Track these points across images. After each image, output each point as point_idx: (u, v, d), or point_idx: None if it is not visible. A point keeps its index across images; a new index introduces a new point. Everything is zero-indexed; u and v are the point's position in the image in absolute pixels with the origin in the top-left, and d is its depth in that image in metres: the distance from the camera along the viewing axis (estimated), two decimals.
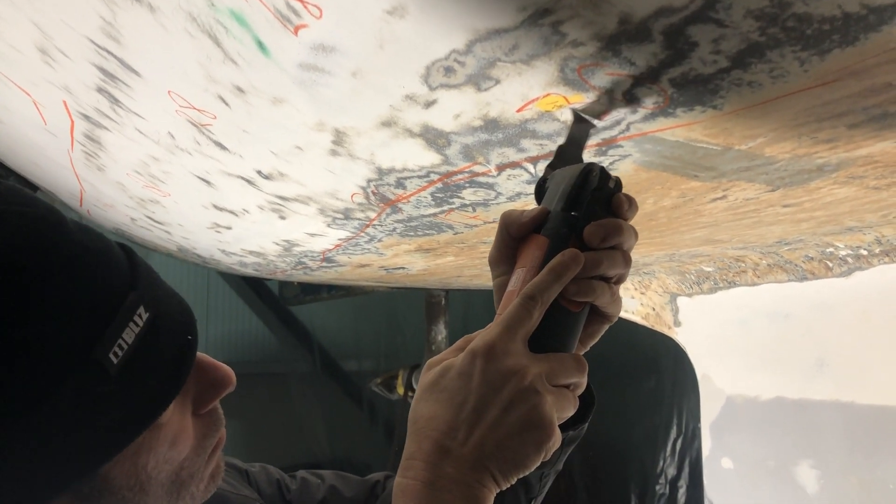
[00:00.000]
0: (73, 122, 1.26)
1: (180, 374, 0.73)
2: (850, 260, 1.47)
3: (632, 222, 0.78)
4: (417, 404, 0.73)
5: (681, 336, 2.04)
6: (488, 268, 0.83)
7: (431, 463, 0.69)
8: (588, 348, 0.83)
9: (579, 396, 0.87)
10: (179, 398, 0.74)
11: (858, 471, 1.56)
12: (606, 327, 0.82)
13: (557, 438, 0.71)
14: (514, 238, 0.79)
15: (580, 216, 0.75)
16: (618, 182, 0.77)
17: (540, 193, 0.81)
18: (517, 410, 0.69)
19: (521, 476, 0.70)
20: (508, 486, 0.70)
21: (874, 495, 1.52)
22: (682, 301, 1.99)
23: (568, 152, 0.83)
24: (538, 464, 0.70)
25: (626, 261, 0.76)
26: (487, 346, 0.71)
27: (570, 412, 0.73)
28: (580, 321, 0.77)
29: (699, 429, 2.06)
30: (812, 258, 1.53)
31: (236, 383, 0.82)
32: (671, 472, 4.06)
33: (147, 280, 0.73)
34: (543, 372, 0.70)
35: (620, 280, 0.78)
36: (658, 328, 2.12)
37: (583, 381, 0.74)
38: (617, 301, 0.78)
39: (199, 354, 0.79)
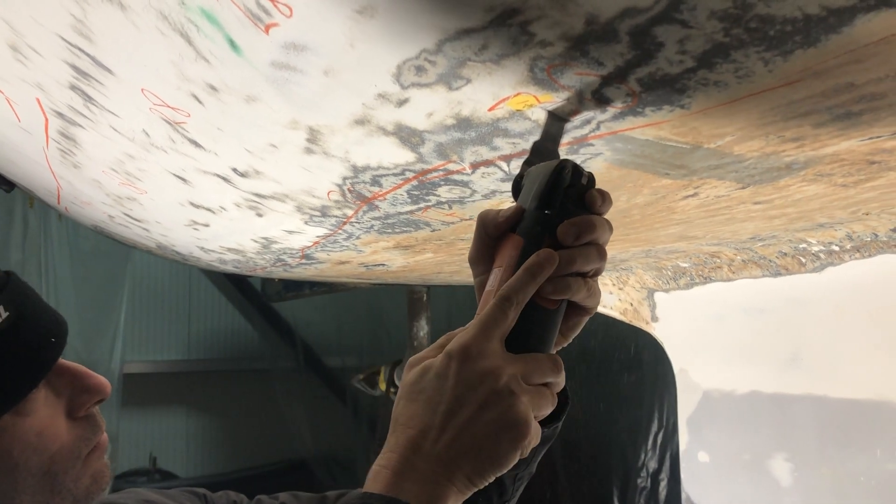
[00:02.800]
0: (47, 119, 1.25)
1: (39, 369, 0.84)
2: (822, 256, 1.49)
3: (606, 218, 0.79)
4: (399, 403, 0.76)
5: (658, 331, 2.06)
6: (468, 264, 0.85)
7: (404, 456, 0.72)
8: (570, 340, 0.84)
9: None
10: (52, 398, 0.86)
11: (831, 463, 1.58)
12: (586, 319, 0.83)
13: (535, 436, 0.73)
14: (491, 237, 0.80)
15: (554, 214, 0.76)
16: (591, 178, 0.78)
17: (516, 190, 0.82)
18: (492, 411, 0.71)
19: (498, 474, 0.72)
20: (485, 483, 0.72)
21: (846, 487, 1.55)
22: (659, 296, 2.00)
23: (543, 148, 0.83)
24: (515, 461, 0.72)
25: (601, 255, 0.77)
26: (463, 348, 0.73)
27: (548, 410, 0.75)
28: (557, 318, 0.78)
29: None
30: (786, 254, 1.55)
31: (109, 390, 0.91)
32: (652, 465, 4.09)
33: (14, 291, 0.85)
34: (519, 372, 0.72)
35: (597, 273, 0.79)
36: (636, 323, 2.13)
37: (560, 380, 0.76)
38: (594, 294, 0.79)
39: (76, 365, 0.90)
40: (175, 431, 6.18)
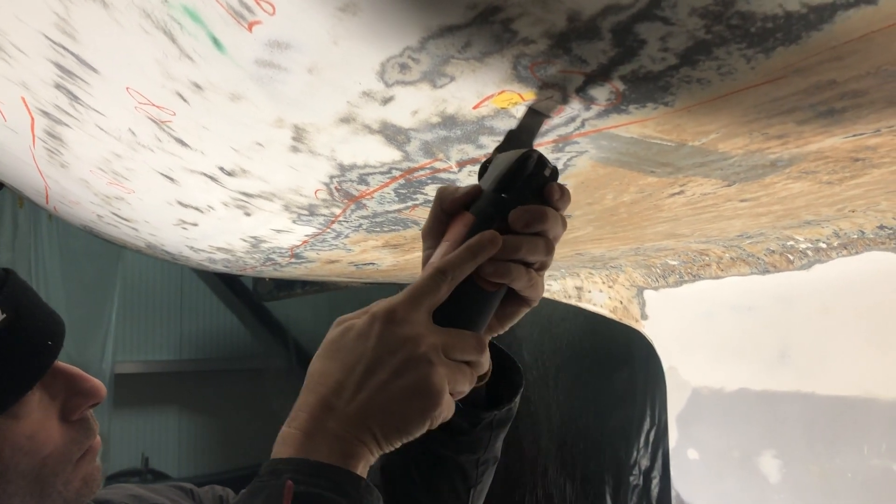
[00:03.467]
0: (32, 118, 1.25)
1: (34, 373, 0.82)
2: (809, 253, 1.49)
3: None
4: (316, 360, 0.76)
5: (648, 329, 2.06)
6: (421, 236, 0.85)
7: (314, 416, 0.71)
8: (506, 329, 0.84)
9: (509, 378, 0.89)
10: (46, 400, 0.84)
11: (819, 460, 1.59)
12: (525, 311, 0.83)
13: (447, 409, 0.73)
14: (446, 213, 0.80)
15: (509, 199, 0.76)
16: (554, 171, 0.78)
17: (483, 173, 0.82)
18: (406, 376, 0.70)
19: (404, 440, 0.72)
20: (391, 448, 0.72)
21: (834, 484, 1.55)
22: (648, 294, 2.01)
23: (518, 138, 0.83)
24: (423, 430, 0.72)
25: (549, 248, 0.77)
26: (388, 311, 0.73)
27: (466, 387, 0.75)
28: (493, 302, 0.77)
29: None
30: (773, 251, 1.55)
31: (104, 394, 0.90)
32: (644, 463, 4.09)
33: (12, 292, 0.83)
34: (440, 344, 0.72)
35: (543, 267, 0.79)
36: (625, 322, 2.14)
37: (482, 360, 0.75)
38: (536, 286, 0.79)
39: (72, 367, 0.88)
40: (167, 432, 6.16)
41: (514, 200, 0.76)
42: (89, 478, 0.88)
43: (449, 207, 0.80)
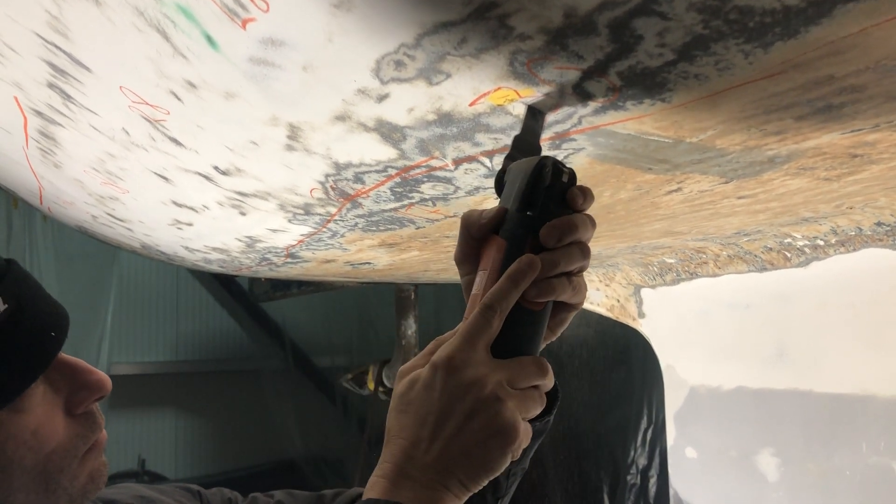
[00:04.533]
0: (25, 118, 1.24)
1: (37, 365, 0.80)
2: (807, 250, 1.49)
3: (591, 213, 0.79)
4: (391, 414, 0.78)
5: (645, 327, 2.06)
6: (454, 262, 0.85)
7: (398, 466, 0.74)
8: (557, 335, 0.85)
9: None
10: (50, 394, 0.82)
11: (816, 458, 1.59)
12: (573, 314, 0.84)
13: (525, 438, 0.75)
14: (475, 238, 0.81)
15: (536, 216, 0.76)
16: (572, 175, 0.78)
17: (499, 187, 0.82)
18: (479, 419, 0.72)
19: (490, 478, 0.74)
20: (480, 487, 0.75)
21: (832, 482, 1.55)
22: (645, 292, 2.00)
23: (524, 142, 0.83)
24: (506, 465, 0.74)
25: (585, 253, 0.78)
26: (448, 359, 0.74)
27: (536, 411, 0.76)
28: (543, 320, 0.78)
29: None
30: (771, 249, 1.55)
31: (109, 387, 0.89)
32: (642, 462, 4.09)
33: (15, 282, 0.81)
34: (504, 378, 0.73)
35: (581, 270, 0.79)
36: (623, 320, 2.13)
37: (546, 382, 0.77)
38: (580, 291, 0.80)
39: (76, 360, 0.86)
40: (163, 433, 6.15)
41: (540, 216, 0.76)
42: (95, 473, 0.87)
43: (477, 233, 0.80)
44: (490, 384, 0.72)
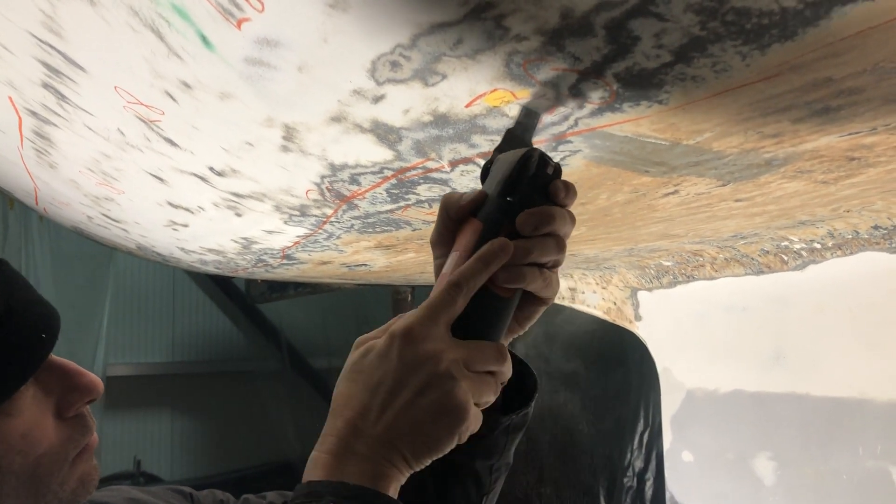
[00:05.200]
0: (20, 118, 1.23)
1: (27, 367, 0.78)
2: (804, 253, 1.48)
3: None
4: (341, 383, 0.76)
5: (642, 330, 2.06)
6: (429, 244, 0.84)
7: (342, 440, 0.71)
8: (525, 329, 0.84)
9: (523, 383, 0.88)
10: (40, 396, 0.80)
11: (814, 462, 1.58)
12: (542, 310, 0.83)
13: (474, 422, 0.73)
14: (453, 220, 0.80)
15: (515, 202, 0.75)
16: (557, 168, 0.77)
17: (484, 174, 0.81)
18: (430, 394, 0.70)
19: (434, 457, 0.72)
20: (422, 466, 0.73)
21: (829, 485, 1.55)
22: (642, 295, 2.00)
23: (516, 136, 0.82)
24: (452, 445, 0.72)
25: (560, 247, 0.77)
26: (406, 330, 0.73)
27: (490, 398, 0.75)
28: (510, 307, 0.77)
29: None
30: (768, 252, 1.55)
31: (101, 390, 0.87)
32: (638, 464, 4.09)
33: (4, 282, 0.80)
34: (461, 358, 0.72)
35: (556, 265, 0.79)
36: (619, 323, 2.13)
37: (504, 369, 0.75)
38: (551, 285, 0.79)
39: (67, 362, 0.85)
40: (159, 434, 6.14)
41: (520, 203, 0.75)
42: (86, 477, 0.85)
43: (455, 215, 0.79)
44: (446, 360, 0.71)
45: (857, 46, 0.62)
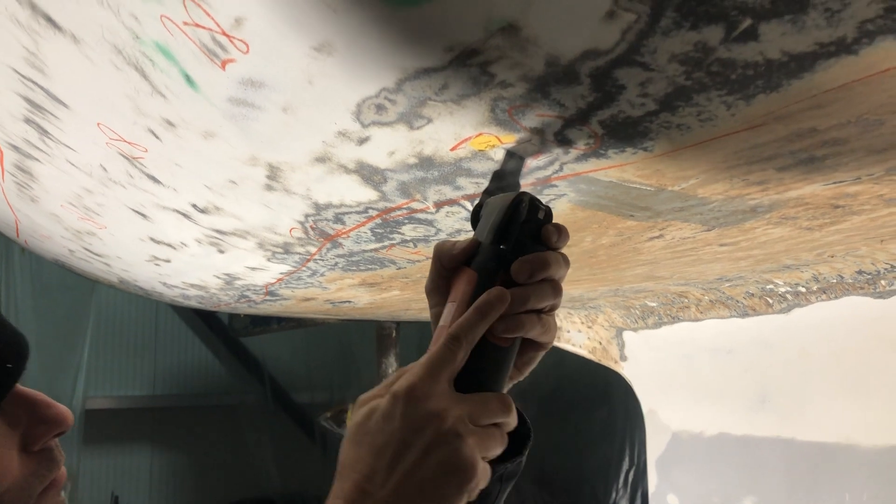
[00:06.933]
0: (1, 152, 1.22)
1: None
2: (789, 297, 1.48)
3: (572, 258, 0.78)
4: (346, 445, 0.74)
5: (627, 370, 2.05)
6: (425, 293, 0.83)
7: (351, 503, 0.70)
8: (525, 375, 0.82)
9: (516, 430, 0.87)
10: (4, 429, 0.76)
11: None
12: (542, 354, 0.81)
13: (483, 478, 0.71)
14: (447, 269, 0.79)
15: (509, 250, 0.75)
16: (548, 212, 0.76)
17: (475, 220, 0.80)
18: (437, 454, 0.69)
19: None
20: None
21: None
22: (627, 335, 1.99)
23: (504, 178, 0.82)
24: None
25: (556, 291, 0.76)
26: (409, 389, 0.71)
27: (498, 450, 0.73)
28: (510, 356, 0.76)
29: None
30: (753, 294, 1.55)
31: (70, 422, 0.82)
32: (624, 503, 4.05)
33: None
34: (466, 413, 0.70)
35: (553, 309, 0.77)
36: (605, 362, 2.12)
37: (510, 420, 0.74)
38: (549, 330, 0.78)
39: (35, 392, 0.80)
40: (138, 469, 6.03)
41: (513, 250, 0.74)
42: None
43: (449, 264, 0.78)
44: (451, 418, 0.69)
45: (841, 99, 0.62)
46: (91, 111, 0.96)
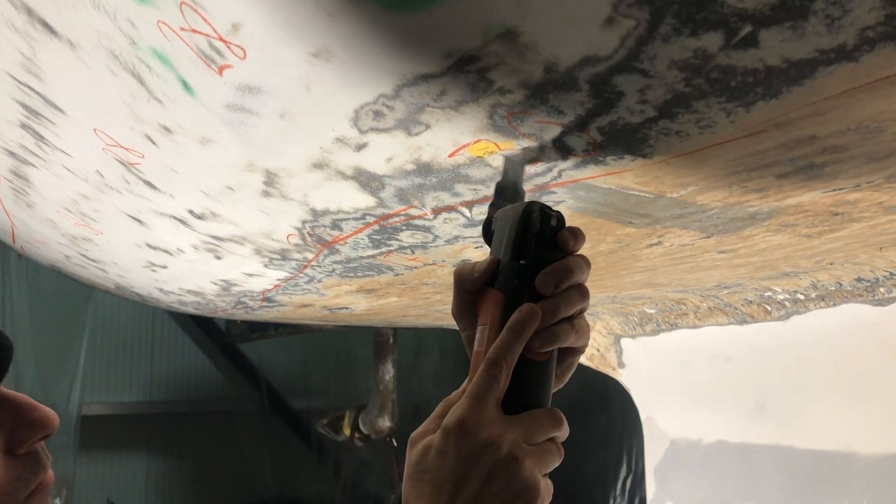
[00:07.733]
0: None
1: None
2: (787, 304, 1.48)
3: (584, 255, 0.77)
4: (407, 484, 0.74)
5: (625, 377, 2.04)
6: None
7: None
8: (566, 381, 0.82)
9: None
10: None
11: None
12: (580, 357, 0.81)
13: (546, 495, 0.72)
14: (470, 293, 0.78)
15: (529, 264, 0.74)
16: (560, 218, 0.75)
17: (487, 235, 0.80)
18: (498, 482, 0.69)
19: None
20: None
21: None
22: (625, 342, 1.99)
23: (507, 189, 0.81)
24: None
25: (584, 295, 0.75)
26: (459, 422, 0.71)
27: (556, 463, 0.74)
28: (550, 369, 0.76)
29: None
30: (751, 301, 1.54)
31: (56, 425, 0.80)
32: None
33: None
34: (519, 435, 0.70)
35: (582, 312, 0.77)
36: (603, 369, 2.11)
37: (562, 432, 0.74)
38: (583, 333, 0.77)
39: (19, 395, 0.78)
40: (134, 475, 6.01)
41: (533, 264, 0.73)
42: None
43: (471, 287, 0.78)
44: (505, 444, 0.69)
45: (841, 106, 0.62)
46: (87, 117, 0.96)
